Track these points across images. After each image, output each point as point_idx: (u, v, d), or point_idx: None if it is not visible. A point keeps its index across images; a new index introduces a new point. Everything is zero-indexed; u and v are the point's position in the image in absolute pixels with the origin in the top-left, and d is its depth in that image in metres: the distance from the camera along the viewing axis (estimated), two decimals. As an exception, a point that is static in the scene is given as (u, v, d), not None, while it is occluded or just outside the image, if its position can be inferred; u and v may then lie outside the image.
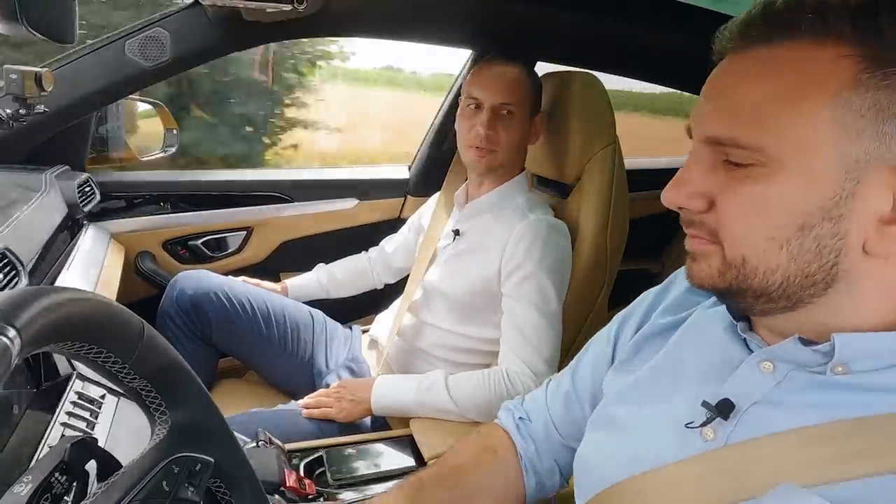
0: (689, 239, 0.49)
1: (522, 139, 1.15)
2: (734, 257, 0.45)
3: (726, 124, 0.44)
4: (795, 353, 0.45)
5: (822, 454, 0.42)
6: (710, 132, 0.45)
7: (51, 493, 0.43)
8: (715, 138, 0.45)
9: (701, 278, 0.48)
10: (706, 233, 0.46)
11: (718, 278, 0.46)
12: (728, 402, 0.47)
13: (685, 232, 0.49)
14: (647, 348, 0.61)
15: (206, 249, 1.53)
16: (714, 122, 0.45)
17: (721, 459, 0.46)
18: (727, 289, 0.46)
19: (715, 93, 0.46)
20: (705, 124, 0.46)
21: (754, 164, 0.42)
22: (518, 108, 1.12)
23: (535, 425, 0.73)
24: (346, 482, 0.86)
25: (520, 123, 1.13)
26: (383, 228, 1.63)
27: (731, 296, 0.47)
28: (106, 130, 1.44)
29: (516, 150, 1.15)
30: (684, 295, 0.62)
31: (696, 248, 0.48)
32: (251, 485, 0.50)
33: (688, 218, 0.48)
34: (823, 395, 0.44)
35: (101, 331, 0.38)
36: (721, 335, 0.53)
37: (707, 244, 0.47)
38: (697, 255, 0.48)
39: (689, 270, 0.49)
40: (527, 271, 1.04)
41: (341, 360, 1.29)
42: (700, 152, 0.46)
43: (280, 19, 1.17)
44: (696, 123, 0.47)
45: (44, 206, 1.01)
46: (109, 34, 1.18)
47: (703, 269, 0.47)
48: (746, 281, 0.44)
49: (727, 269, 0.45)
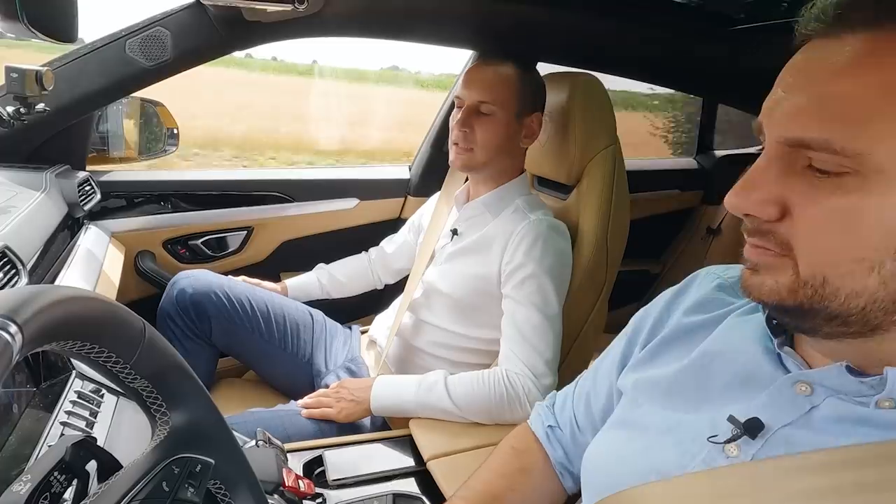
0: (751, 248, 0.43)
1: (503, 139, 1.11)
2: (811, 276, 0.39)
3: (817, 124, 0.37)
4: (839, 381, 0.42)
5: (851, 479, 0.39)
6: (794, 133, 0.38)
7: (50, 491, 0.43)
8: (799, 140, 0.38)
9: (763, 293, 0.42)
10: (775, 244, 0.41)
11: (788, 295, 0.40)
12: (758, 422, 0.44)
13: (748, 241, 0.43)
14: (672, 348, 0.58)
15: (207, 249, 1.53)
16: (800, 122, 0.38)
17: (743, 477, 0.43)
18: (796, 308, 0.40)
19: (801, 85, 0.39)
20: (787, 123, 0.39)
21: (847, 173, 0.36)
22: (497, 108, 1.09)
23: (563, 431, 0.72)
24: (345, 482, 0.86)
25: (498, 123, 1.10)
26: (383, 229, 1.63)
27: (798, 315, 0.41)
28: (106, 130, 1.44)
29: (496, 150, 1.12)
30: (712, 293, 0.59)
31: (759, 258, 0.42)
32: (250, 485, 0.50)
33: (753, 225, 0.42)
34: (863, 426, 0.41)
35: (101, 330, 0.38)
36: (755, 348, 0.50)
37: (775, 256, 0.41)
38: (760, 267, 0.42)
39: (747, 282, 0.44)
40: (527, 272, 1.04)
41: (341, 361, 1.29)
42: (775, 153, 0.40)
43: (280, 19, 1.17)
44: (771, 121, 0.41)
45: (44, 205, 1.01)
46: (110, 33, 1.18)
47: (766, 283, 0.42)
48: (823, 302, 0.39)
49: (800, 287, 0.39)
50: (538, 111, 1.16)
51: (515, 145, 1.15)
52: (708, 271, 0.63)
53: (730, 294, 0.58)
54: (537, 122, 1.15)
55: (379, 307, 1.42)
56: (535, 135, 1.16)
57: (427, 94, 10.78)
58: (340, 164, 5.91)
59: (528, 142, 1.16)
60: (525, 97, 1.12)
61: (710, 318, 0.56)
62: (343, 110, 10.26)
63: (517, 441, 0.75)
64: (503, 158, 1.15)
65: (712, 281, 0.61)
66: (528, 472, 0.71)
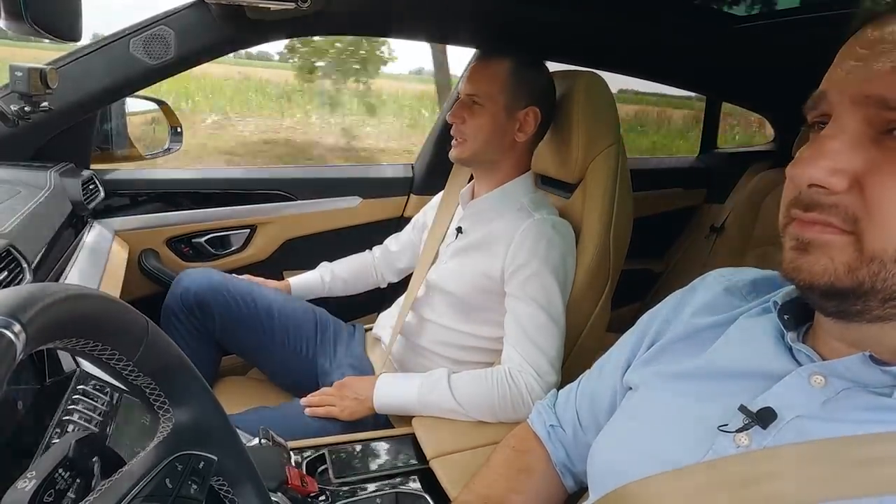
0: (804, 226, 0.41)
1: (492, 132, 1.11)
2: (882, 250, 0.37)
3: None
4: (861, 371, 0.42)
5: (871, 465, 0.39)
6: (878, 91, 0.37)
7: (54, 488, 0.43)
8: (883, 98, 0.37)
9: (814, 273, 0.40)
10: (840, 219, 0.39)
11: (845, 275, 0.38)
12: (770, 411, 0.44)
13: (799, 217, 0.41)
14: (681, 348, 0.58)
15: (210, 247, 1.53)
16: (886, 80, 0.37)
17: (754, 464, 0.43)
18: (852, 288, 0.39)
19: (879, 52, 0.38)
20: (869, 83, 0.38)
21: None
22: (486, 100, 1.10)
23: (565, 431, 0.72)
24: (348, 480, 0.86)
25: (487, 115, 1.10)
26: (387, 227, 1.63)
27: (851, 297, 0.39)
28: (110, 128, 1.44)
29: (484, 142, 1.11)
30: (721, 296, 0.59)
31: (814, 236, 0.40)
32: (254, 482, 0.50)
33: (813, 199, 0.40)
34: (881, 415, 0.41)
35: (105, 328, 0.38)
36: (766, 344, 0.50)
37: (836, 233, 0.39)
38: (814, 246, 0.40)
39: (794, 264, 0.41)
40: (531, 270, 1.04)
41: (344, 359, 1.29)
42: (846, 120, 0.39)
43: (284, 17, 1.17)
44: (845, 87, 0.40)
45: (48, 203, 1.02)
46: (113, 32, 1.18)
47: (820, 262, 0.39)
48: (889, 280, 0.37)
49: (863, 264, 0.38)
50: (534, 106, 1.12)
51: (508, 139, 1.13)
52: (716, 274, 0.63)
53: (738, 297, 0.58)
54: (533, 116, 1.12)
55: (383, 305, 1.42)
56: (531, 130, 1.13)
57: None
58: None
59: (522, 136, 1.13)
60: (516, 91, 1.11)
61: (721, 320, 0.56)
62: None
63: (518, 441, 0.75)
64: (494, 151, 1.14)
65: (720, 284, 0.61)
66: (529, 472, 0.70)
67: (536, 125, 1.13)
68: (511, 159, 1.17)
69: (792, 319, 0.49)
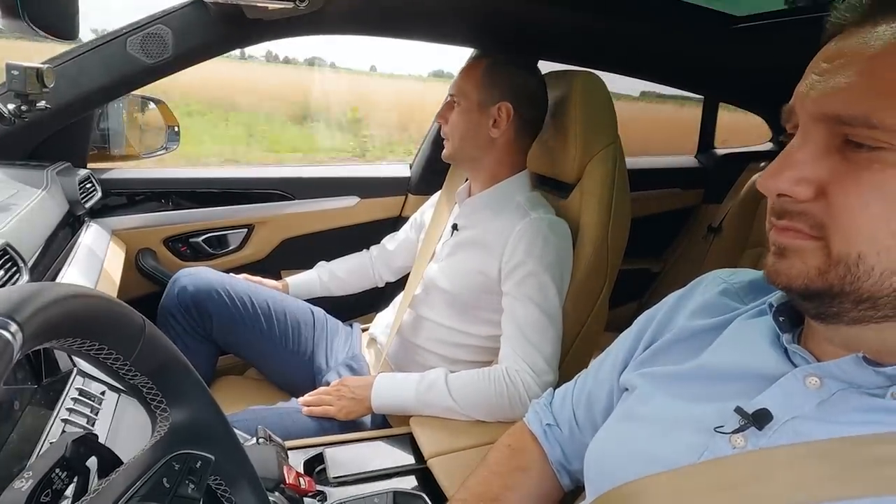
0: (780, 232, 0.43)
1: (465, 128, 1.14)
2: (845, 254, 0.39)
3: (856, 101, 0.38)
4: (854, 372, 0.42)
5: (867, 466, 0.39)
6: (834, 109, 0.39)
7: (51, 488, 0.43)
8: (838, 116, 0.39)
9: (791, 277, 0.42)
10: (808, 225, 0.41)
11: (817, 278, 0.40)
12: (766, 413, 0.45)
13: (774, 224, 0.44)
14: (677, 350, 0.58)
15: (207, 247, 1.53)
16: (840, 98, 0.39)
17: (750, 466, 0.44)
18: (825, 290, 0.41)
19: (838, 67, 0.40)
20: (825, 101, 0.40)
21: (883, 148, 0.37)
22: (462, 98, 1.14)
23: (561, 429, 0.72)
24: (345, 480, 0.86)
25: (462, 112, 1.14)
26: (384, 226, 1.63)
27: (825, 299, 0.41)
28: (108, 127, 1.44)
29: (461, 138, 1.15)
30: (717, 298, 0.59)
31: (788, 242, 0.42)
32: (251, 482, 0.50)
33: (783, 207, 0.42)
34: (876, 416, 0.41)
35: (102, 327, 0.38)
36: (762, 346, 0.50)
37: (806, 239, 0.41)
38: (789, 251, 0.42)
39: (773, 267, 0.44)
40: (528, 269, 1.04)
41: (342, 358, 1.29)
42: (810, 133, 0.41)
43: (281, 17, 1.17)
44: (806, 102, 0.42)
45: (45, 202, 1.01)
46: (111, 31, 1.18)
47: (795, 266, 0.42)
48: (855, 283, 0.39)
49: (831, 267, 0.40)
50: (506, 101, 1.12)
51: (483, 135, 1.14)
52: (713, 276, 0.63)
53: (734, 299, 0.59)
54: (505, 111, 1.13)
55: (380, 305, 1.42)
56: (503, 125, 1.13)
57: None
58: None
59: (496, 131, 1.14)
60: (489, 87, 1.13)
61: (717, 322, 0.57)
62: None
63: (514, 440, 0.75)
64: (472, 148, 1.16)
65: (718, 286, 0.61)
66: (525, 471, 0.71)
67: (509, 120, 1.13)
68: (492, 156, 1.17)
69: (787, 321, 0.50)
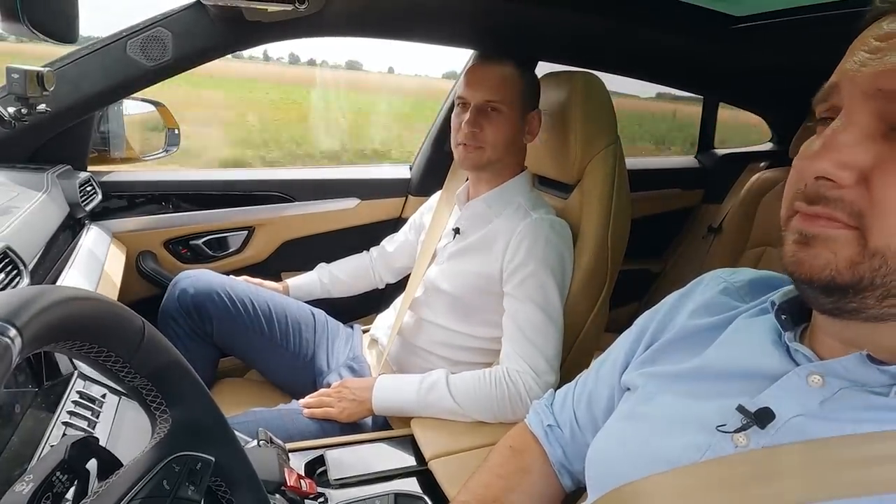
0: (808, 219, 0.40)
1: (511, 136, 1.14)
2: (884, 246, 0.37)
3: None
4: (858, 371, 0.42)
5: (872, 463, 0.39)
6: (891, 84, 0.37)
7: (52, 491, 0.43)
8: (894, 91, 0.37)
9: (817, 267, 0.39)
10: (844, 213, 0.38)
11: (846, 270, 0.38)
12: (768, 412, 0.44)
13: (803, 210, 0.41)
14: (678, 349, 0.58)
15: (208, 249, 1.53)
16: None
17: (753, 464, 0.43)
18: (852, 283, 0.38)
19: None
20: (881, 75, 0.37)
21: None
22: (505, 106, 1.12)
23: (563, 431, 0.72)
24: (346, 482, 0.86)
25: (507, 121, 1.13)
26: (384, 228, 1.63)
27: (850, 293, 0.39)
28: (108, 130, 1.44)
29: (504, 148, 1.14)
30: (718, 297, 0.59)
31: (818, 230, 0.39)
32: (252, 484, 0.50)
33: (819, 192, 0.39)
34: (879, 414, 0.41)
35: (102, 330, 0.38)
36: (764, 344, 0.50)
37: (840, 227, 0.38)
38: (817, 240, 0.40)
39: (795, 256, 0.41)
40: (529, 270, 1.04)
41: (342, 360, 1.29)
42: (854, 114, 0.39)
43: (281, 19, 1.17)
44: (857, 79, 0.39)
45: (46, 205, 1.01)
46: (111, 34, 1.18)
47: (821, 256, 0.39)
48: (889, 276, 0.37)
49: (865, 259, 0.37)
50: (537, 108, 1.18)
51: (519, 141, 1.17)
52: (713, 275, 0.63)
53: (735, 298, 0.58)
54: (537, 118, 1.17)
55: (380, 306, 1.42)
56: (536, 131, 1.18)
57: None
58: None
59: (529, 138, 1.18)
60: (526, 95, 1.15)
61: (718, 321, 0.56)
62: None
63: (515, 441, 0.75)
64: (508, 154, 1.17)
65: (718, 285, 0.61)
66: (526, 472, 0.70)
67: (539, 126, 1.18)
68: (506, 160, 1.18)
69: (789, 319, 0.49)
